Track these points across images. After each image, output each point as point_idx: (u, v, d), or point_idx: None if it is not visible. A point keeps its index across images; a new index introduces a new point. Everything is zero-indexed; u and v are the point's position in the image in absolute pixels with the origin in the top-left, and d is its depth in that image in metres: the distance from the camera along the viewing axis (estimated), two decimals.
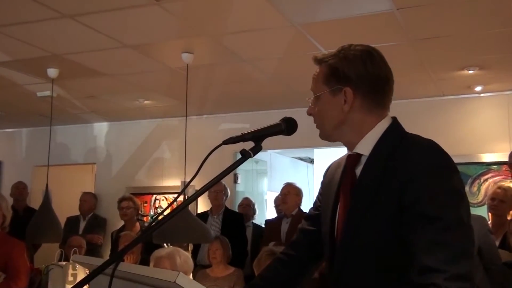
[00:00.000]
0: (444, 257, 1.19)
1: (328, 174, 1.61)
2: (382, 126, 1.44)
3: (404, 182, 1.29)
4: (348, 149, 1.49)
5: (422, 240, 1.23)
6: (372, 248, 1.33)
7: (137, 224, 5.52)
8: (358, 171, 1.42)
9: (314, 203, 1.70)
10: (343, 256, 1.39)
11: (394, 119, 1.46)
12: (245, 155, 1.31)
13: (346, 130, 1.45)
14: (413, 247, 1.24)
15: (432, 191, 1.27)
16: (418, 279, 1.21)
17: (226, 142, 1.27)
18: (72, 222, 6.03)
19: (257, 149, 1.33)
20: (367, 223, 1.34)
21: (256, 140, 1.34)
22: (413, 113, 5.18)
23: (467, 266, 1.21)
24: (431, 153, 1.33)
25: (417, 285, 1.20)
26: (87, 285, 1.63)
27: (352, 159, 1.46)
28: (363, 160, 1.42)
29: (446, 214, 1.24)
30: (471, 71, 4.61)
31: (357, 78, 1.42)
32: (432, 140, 1.37)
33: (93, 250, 5.58)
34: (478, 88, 5.21)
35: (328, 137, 1.50)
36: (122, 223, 5.95)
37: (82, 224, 6.06)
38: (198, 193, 1.25)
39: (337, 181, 1.50)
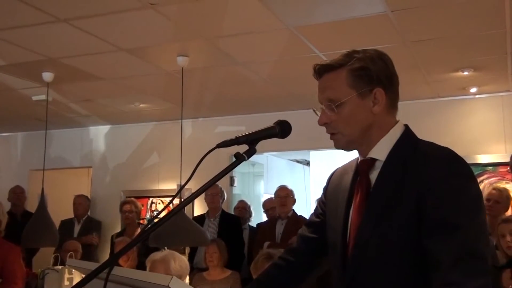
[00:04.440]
0: (465, 270, 1.20)
1: (333, 181, 1.60)
2: (395, 131, 1.44)
3: (423, 190, 1.29)
4: (361, 154, 1.48)
5: (443, 251, 1.24)
6: (387, 254, 1.33)
7: (139, 228, 5.49)
8: (373, 176, 1.42)
9: (315, 210, 1.68)
10: (357, 262, 1.38)
11: (407, 126, 1.47)
12: (239, 158, 1.30)
13: (374, 133, 1.43)
14: (434, 256, 1.25)
15: (452, 200, 1.27)
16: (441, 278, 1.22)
17: (220, 145, 1.27)
18: (67, 225, 5.98)
19: (251, 152, 1.32)
20: (383, 228, 1.34)
21: (250, 143, 1.33)
22: (408, 115, 5.16)
23: (486, 279, 1.21)
24: (450, 162, 1.33)
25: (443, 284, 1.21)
26: None
27: (366, 164, 1.45)
28: (378, 165, 1.42)
29: (466, 223, 1.25)
30: (465, 73, 4.62)
31: (385, 78, 1.42)
32: (448, 148, 1.37)
33: (88, 253, 5.56)
34: (473, 90, 5.23)
35: (351, 143, 1.45)
36: (119, 226, 5.95)
37: (77, 227, 6.01)
38: (193, 196, 1.25)
39: (346, 187, 1.49)
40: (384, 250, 1.33)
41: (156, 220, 1.25)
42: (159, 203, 6.58)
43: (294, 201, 5.16)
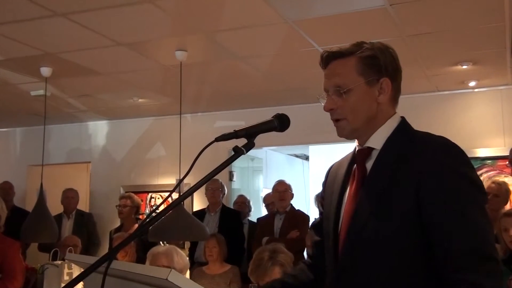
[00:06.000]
0: (476, 257, 1.23)
1: (331, 174, 1.62)
2: (393, 122, 1.46)
3: (421, 177, 1.31)
4: (359, 143, 1.50)
5: (452, 239, 1.26)
6: (382, 239, 1.34)
7: (136, 223, 5.45)
8: (369, 165, 1.44)
9: (319, 210, 1.71)
10: (350, 249, 1.39)
11: (403, 118, 1.49)
12: (238, 152, 1.31)
13: (376, 123, 1.45)
14: (441, 244, 1.27)
15: (453, 186, 1.30)
16: (453, 276, 1.25)
17: (219, 139, 1.27)
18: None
19: (249, 146, 1.32)
20: (378, 215, 1.35)
21: (249, 136, 1.33)
22: (407, 108, 5.15)
23: (497, 264, 1.25)
24: (447, 149, 1.35)
25: (453, 282, 1.24)
26: (82, 283, 1.62)
27: (363, 154, 1.47)
28: (374, 154, 1.44)
29: (471, 210, 1.28)
30: (464, 66, 4.62)
31: (392, 70, 1.46)
32: (444, 137, 1.39)
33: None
34: (472, 83, 5.23)
35: (355, 131, 1.46)
36: (118, 221, 5.95)
37: (67, 223, 5.88)
38: (192, 189, 1.25)
39: (341, 177, 1.51)
40: (378, 237, 1.35)
41: (154, 214, 1.25)
42: (158, 198, 6.58)
43: (292, 196, 5.17)
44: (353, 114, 1.44)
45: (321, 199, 1.67)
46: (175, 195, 4.76)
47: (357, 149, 1.51)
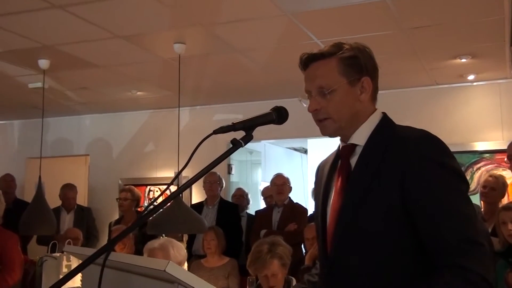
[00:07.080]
0: (463, 243, 1.27)
1: (319, 172, 1.64)
2: (374, 118, 1.49)
3: (404, 170, 1.33)
4: (343, 141, 1.52)
5: (438, 228, 1.29)
6: (369, 232, 1.36)
7: (136, 216, 5.46)
8: (353, 161, 1.46)
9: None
10: (339, 244, 1.41)
11: (385, 113, 1.52)
12: (236, 144, 1.32)
13: (358, 120, 1.48)
14: (428, 233, 1.31)
15: (436, 177, 1.32)
16: (442, 263, 1.27)
17: (217, 131, 1.28)
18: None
19: (248, 138, 1.33)
20: (364, 209, 1.37)
21: (247, 129, 1.34)
22: (406, 102, 5.21)
23: (483, 248, 1.27)
24: (428, 141, 1.38)
25: (443, 269, 1.26)
26: (80, 275, 1.63)
27: (347, 150, 1.49)
28: (358, 150, 1.46)
29: (454, 198, 1.32)
30: (463, 60, 4.61)
31: (371, 68, 1.49)
32: (424, 130, 1.42)
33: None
34: (471, 77, 5.23)
35: (339, 130, 1.49)
36: (117, 214, 5.95)
37: (67, 216, 5.89)
38: (191, 182, 1.26)
39: (327, 174, 1.54)
40: (365, 231, 1.37)
41: (152, 206, 1.25)
42: (157, 191, 6.58)
43: (290, 189, 5.18)
44: (337, 114, 1.46)
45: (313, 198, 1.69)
46: (173, 188, 4.76)
47: (341, 145, 1.54)
